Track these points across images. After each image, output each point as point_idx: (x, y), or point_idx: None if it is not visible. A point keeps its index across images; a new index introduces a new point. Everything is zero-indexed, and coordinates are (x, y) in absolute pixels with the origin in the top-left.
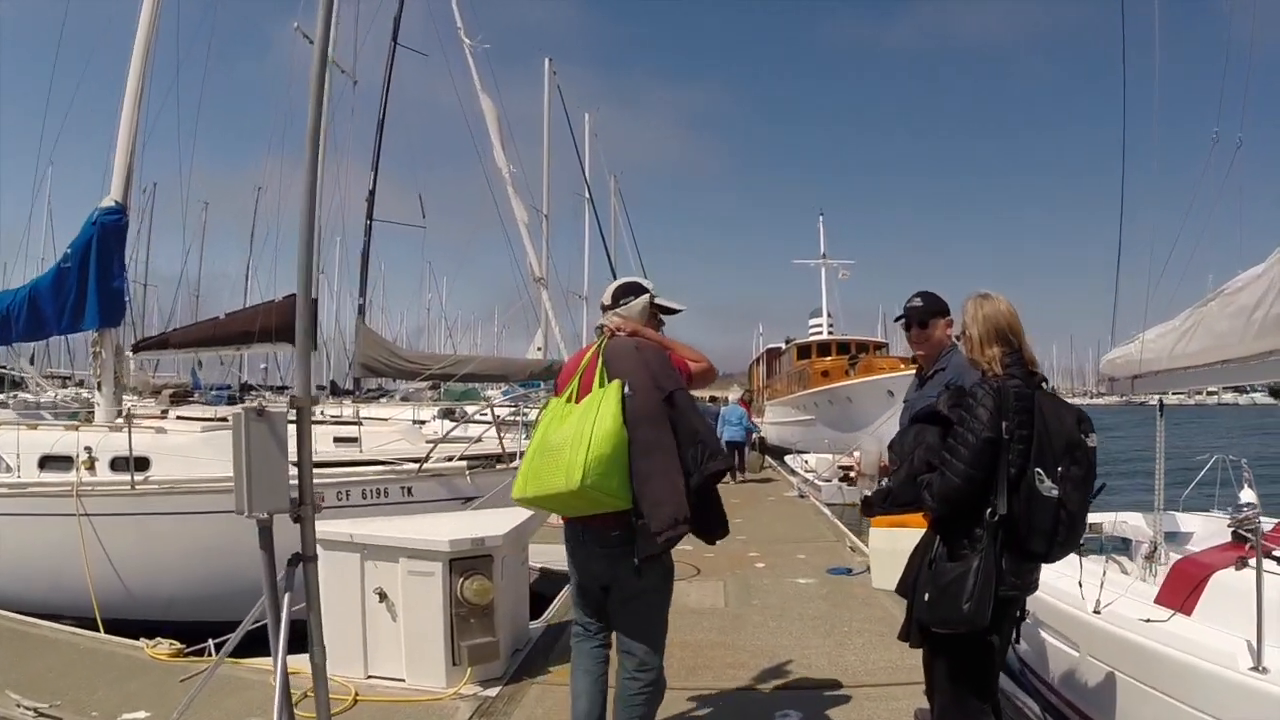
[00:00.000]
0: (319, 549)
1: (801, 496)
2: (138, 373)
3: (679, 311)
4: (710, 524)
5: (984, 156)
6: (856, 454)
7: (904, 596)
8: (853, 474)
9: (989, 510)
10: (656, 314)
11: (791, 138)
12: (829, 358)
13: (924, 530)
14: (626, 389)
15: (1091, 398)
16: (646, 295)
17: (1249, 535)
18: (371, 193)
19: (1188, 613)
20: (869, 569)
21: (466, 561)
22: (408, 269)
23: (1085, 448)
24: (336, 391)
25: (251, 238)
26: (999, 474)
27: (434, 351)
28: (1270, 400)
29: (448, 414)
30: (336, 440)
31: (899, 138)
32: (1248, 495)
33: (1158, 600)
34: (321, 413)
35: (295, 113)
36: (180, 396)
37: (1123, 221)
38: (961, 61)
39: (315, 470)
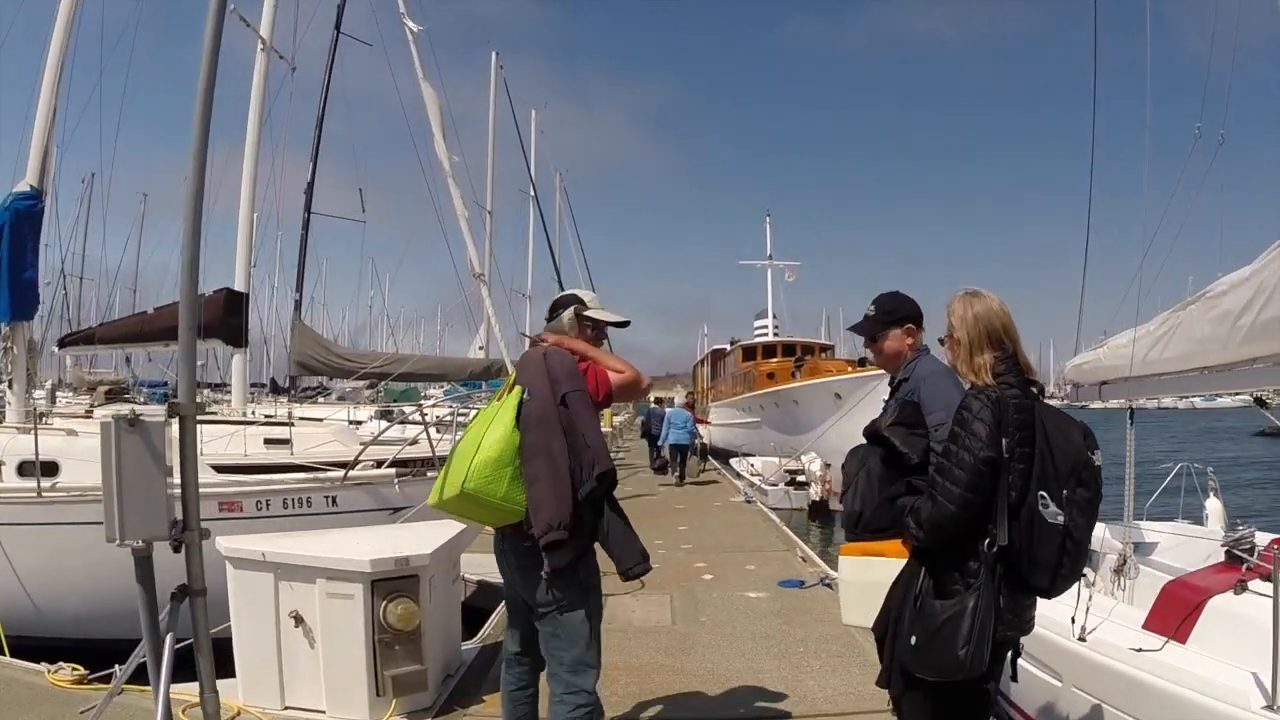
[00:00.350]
0: (228, 567)
1: (749, 502)
2: (74, 368)
3: (622, 324)
4: (611, 549)
5: (946, 160)
6: (806, 459)
7: (879, 636)
8: (826, 490)
9: (986, 540)
10: (595, 325)
11: (742, 138)
12: (775, 359)
13: (903, 560)
14: (525, 395)
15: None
16: (572, 307)
17: (1246, 555)
18: (310, 184)
19: (1182, 640)
20: (824, 582)
21: (390, 583)
22: (350, 265)
23: (1092, 467)
24: (276, 390)
25: None
26: (998, 499)
27: (374, 350)
28: (1210, 405)
29: (385, 414)
30: (267, 442)
31: (853, 140)
32: (1214, 504)
33: (1147, 625)
34: (253, 412)
35: (237, 101)
36: (116, 393)
37: (1090, 224)
38: (918, 63)
39: (240, 476)
